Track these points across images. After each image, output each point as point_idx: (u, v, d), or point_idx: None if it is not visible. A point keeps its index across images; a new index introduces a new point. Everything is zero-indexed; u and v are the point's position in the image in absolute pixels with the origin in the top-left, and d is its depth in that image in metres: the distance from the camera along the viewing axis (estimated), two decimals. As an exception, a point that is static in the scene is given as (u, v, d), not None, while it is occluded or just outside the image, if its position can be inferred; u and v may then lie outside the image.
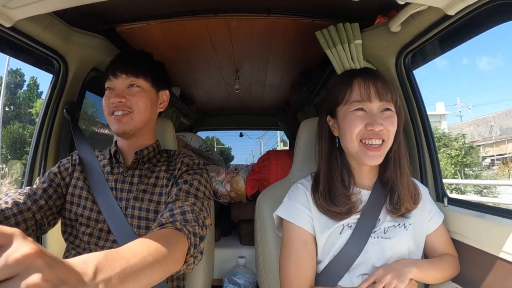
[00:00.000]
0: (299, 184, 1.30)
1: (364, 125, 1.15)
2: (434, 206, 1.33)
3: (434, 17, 1.29)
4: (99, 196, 1.26)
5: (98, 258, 0.58)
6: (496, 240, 1.14)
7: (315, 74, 2.52)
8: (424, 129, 1.56)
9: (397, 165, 1.21)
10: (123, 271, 0.61)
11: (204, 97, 3.80)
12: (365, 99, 1.17)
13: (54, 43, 1.56)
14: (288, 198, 1.30)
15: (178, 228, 0.96)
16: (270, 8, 1.76)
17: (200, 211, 1.12)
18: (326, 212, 1.19)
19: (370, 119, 1.15)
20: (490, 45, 75.82)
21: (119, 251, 0.67)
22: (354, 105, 1.18)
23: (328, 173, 1.24)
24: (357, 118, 1.16)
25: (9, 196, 1.18)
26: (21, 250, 0.43)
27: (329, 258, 1.17)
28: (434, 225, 1.28)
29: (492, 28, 1.23)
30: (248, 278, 1.93)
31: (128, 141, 1.36)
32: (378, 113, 1.16)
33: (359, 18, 1.62)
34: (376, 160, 1.16)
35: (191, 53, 2.41)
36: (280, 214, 1.27)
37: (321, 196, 1.20)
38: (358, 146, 1.17)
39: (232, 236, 2.76)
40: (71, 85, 1.73)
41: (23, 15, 1.20)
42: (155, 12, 1.79)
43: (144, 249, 0.73)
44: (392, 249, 1.16)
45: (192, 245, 0.96)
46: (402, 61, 1.57)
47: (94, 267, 0.55)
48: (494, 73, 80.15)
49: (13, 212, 1.11)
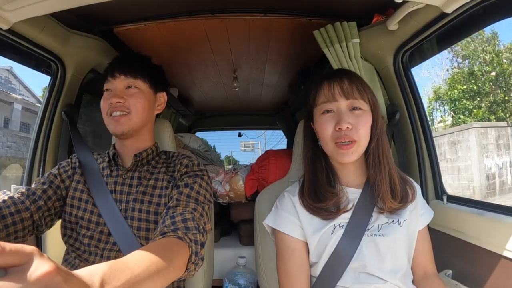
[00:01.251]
0: (285, 192, 1.32)
1: (333, 126, 1.16)
2: (424, 203, 1.32)
3: (432, 15, 1.30)
4: (99, 199, 1.26)
5: (103, 270, 0.59)
6: (497, 237, 1.14)
7: (313, 73, 2.52)
8: (423, 127, 1.57)
9: (376, 164, 1.21)
10: (127, 282, 0.63)
11: (202, 97, 3.79)
12: (331, 99, 1.18)
13: (52, 45, 1.56)
14: (275, 206, 1.32)
15: (180, 237, 0.97)
16: (267, 8, 1.75)
17: (200, 217, 1.13)
18: (314, 211, 1.19)
19: (338, 117, 1.16)
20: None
21: (123, 261, 0.68)
22: (322, 106, 1.20)
23: (313, 174, 1.26)
24: (325, 121, 1.18)
25: (6, 194, 1.17)
26: (42, 268, 0.45)
27: (324, 260, 1.17)
28: (425, 222, 1.28)
29: (489, 25, 1.23)
30: (248, 278, 1.93)
31: (126, 143, 1.36)
32: (347, 111, 1.17)
33: (357, 17, 1.63)
34: (349, 158, 1.16)
35: (188, 54, 2.41)
36: (268, 223, 1.30)
37: (307, 195, 1.21)
38: (332, 148, 1.18)
39: (232, 236, 2.76)
40: (69, 87, 1.73)
41: (20, 18, 1.20)
42: (152, 13, 1.79)
43: (147, 259, 0.75)
44: (387, 247, 1.16)
45: (193, 253, 0.98)
46: (400, 59, 1.57)
47: (100, 279, 0.57)
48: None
49: (10, 211, 1.11)
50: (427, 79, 25.52)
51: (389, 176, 1.21)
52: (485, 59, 13.96)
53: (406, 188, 1.24)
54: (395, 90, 1.61)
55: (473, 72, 14.08)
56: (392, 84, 1.62)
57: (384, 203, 1.18)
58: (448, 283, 1.28)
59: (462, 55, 15.85)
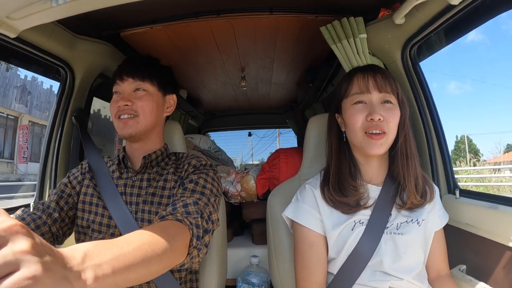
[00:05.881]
0: (307, 184, 1.31)
1: (365, 116, 1.17)
2: (441, 206, 1.32)
3: (438, 7, 1.28)
4: (109, 201, 1.27)
5: (86, 246, 0.56)
6: (510, 231, 1.12)
7: (321, 70, 2.51)
8: (433, 121, 1.55)
9: (404, 158, 1.21)
10: (115, 258, 0.59)
11: (211, 98, 3.81)
12: (364, 91, 1.20)
13: (60, 51, 1.58)
14: (296, 198, 1.32)
15: (179, 219, 0.95)
16: (272, 7, 1.76)
17: (205, 205, 1.11)
18: (336, 205, 1.20)
19: (370, 109, 1.17)
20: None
21: (111, 240, 0.65)
22: (354, 97, 1.21)
23: (337, 167, 1.26)
24: (357, 111, 1.19)
25: (25, 212, 1.20)
26: (8, 222, 0.42)
27: (344, 257, 1.17)
28: (441, 223, 1.28)
29: (496, 16, 1.22)
30: (261, 277, 1.93)
31: (135, 145, 1.37)
32: (379, 104, 1.18)
33: (363, 12, 1.62)
34: (379, 149, 1.17)
35: (196, 55, 2.42)
36: (287, 214, 1.30)
37: (332, 188, 1.21)
38: (362, 137, 1.18)
39: (245, 236, 2.76)
40: (79, 92, 1.75)
41: (27, 25, 1.21)
42: (158, 15, 1.80)
43: (139, 238, 0.71)
44: (405, 245, 1.15)
45: (194, 236, 0.95)
46: (408, 53, 1.55)
47: (82, 253, 0.53)
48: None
49: (31, 228, 1.12)
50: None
51: (415, 172, 1.21)
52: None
53: (426, 187, 1.24)
54: (404, 85, 1.60)
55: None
56: (400, 78, 1.60)
57: (408, 197, 1.18)
58: (462, 278, 1.27)
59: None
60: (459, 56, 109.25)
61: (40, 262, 0.41)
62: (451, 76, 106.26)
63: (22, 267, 0.39)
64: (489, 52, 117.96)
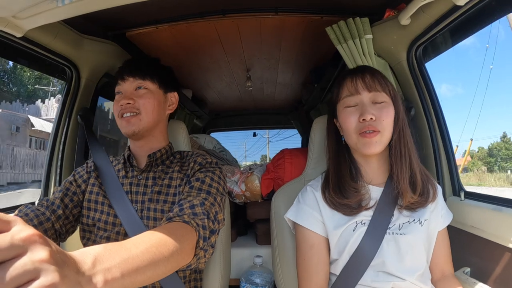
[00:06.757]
0: (308, 186, 1.33)
1: (357, 118, 1.18)
2: (445, 205, 1.32)
3: (444, 8, 1.28)
4: (115, 200, 1.28)
5: (97, 249, 0.57)
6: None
7: (326, 71, 2.50)
8: (438, 123, 1.54)
9: (398, 155, 1.21)
10: (124, 262, 0.60)
11: (216, 98, 3.81)
12: (354, 93, 1.21)
13: (65, 51, 1.59)
14: (297, 200, 1.33)
15: (186, 221, 0.96)
16: (278, 7, 1.75)
17: (211, 206, 1.12)
18: (337, 207, 1.20)
19: (361, 110, 1.18)
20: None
21: (120, 243, 0.65)
22: (345, 100, 1.23)
23: (337, 169, 1.27)
24: (349, 113, 1.21)
25: (29, 208, 1.21)
26: (26, 231, 0.42)
27: (346, 258, 1.17)
28: (444, 223, 1.27)
29: (502, 16, 1.21)
30: (265, 278, 1.93)
31: (139, 143, 1.38)
32: (370, 103, 1.19)
33: (368, 12, 1.61)
34: (374, 148, 1.17)
35: (201, 55, 2.42)
36: (289, 216, 1.31)
37: (332, 190, 1.22)
38: (356, 139, 1.19)
39: (248, 236, 2.76)
40: (84, 91, 1.76)
41: (33, 25, 1.22)
42: (164, 16, 1.80)
43: (146, 240, 0.72)
44: (408, 245, 1.15)
45: (201, 238, 0.96)
46: (413, 54, 1.55)
47: (93, 257, 0.54)
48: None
49: (33, 224, 1.14)
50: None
51: (409, 169, 1.21)
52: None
53: (428, 186, 1.23)
54: (409, 86, 1.59)
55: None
56: (406, 79, 1.60)
57: (403, 195, 1.18)
58: (466, 281, 1.26)
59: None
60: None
61: (57, 270, 0.43)
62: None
63: (41, 276, 0.41)
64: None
